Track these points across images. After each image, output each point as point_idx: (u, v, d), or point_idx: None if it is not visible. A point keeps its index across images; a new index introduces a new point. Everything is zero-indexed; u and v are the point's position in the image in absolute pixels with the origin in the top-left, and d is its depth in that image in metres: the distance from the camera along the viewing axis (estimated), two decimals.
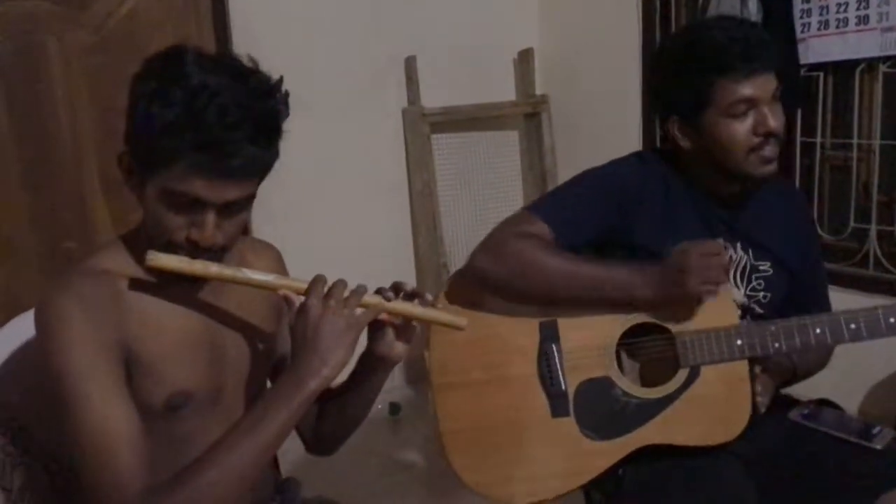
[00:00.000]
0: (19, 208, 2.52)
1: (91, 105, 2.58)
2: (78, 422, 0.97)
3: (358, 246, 3.04)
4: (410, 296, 1.09)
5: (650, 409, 1.36)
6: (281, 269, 1.25)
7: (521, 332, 1.41)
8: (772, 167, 1.38)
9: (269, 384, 1.22)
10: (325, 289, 1.01)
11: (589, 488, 1.42)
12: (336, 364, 0.99)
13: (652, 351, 1.40)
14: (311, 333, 0.98)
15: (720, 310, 1.36)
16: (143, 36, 2.61)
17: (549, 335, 1.40)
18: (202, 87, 0.95)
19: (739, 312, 1.40)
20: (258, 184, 1.03)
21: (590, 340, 1.38)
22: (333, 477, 1.44)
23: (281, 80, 1.03)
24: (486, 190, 3.44)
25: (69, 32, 2.53)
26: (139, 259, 1.05)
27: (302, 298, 1.01)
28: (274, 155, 1.02)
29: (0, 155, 2.47)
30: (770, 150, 1.36)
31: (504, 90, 3.46)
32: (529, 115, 3.45)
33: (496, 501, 1.39)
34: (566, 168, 3.42)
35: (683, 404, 1.35)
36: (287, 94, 1.03)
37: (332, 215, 3.10)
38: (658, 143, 3.06)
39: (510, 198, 3.51)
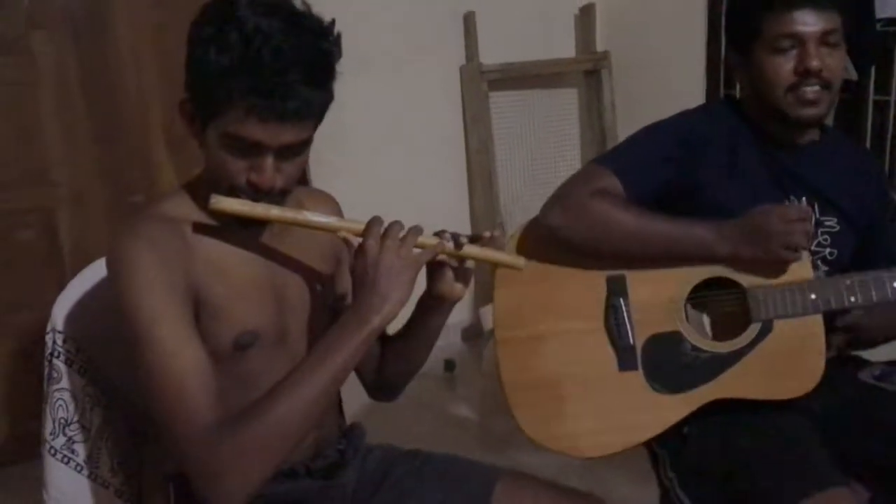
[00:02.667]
0: (89, 162, 2.56)
1: (155, 61, 2.60)
2: (150, 362, 0.99)
3: (414, 203, 3.00)
4: (471, 239, 1.10)
5: (720, 364, 1.34)
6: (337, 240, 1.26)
7: (588, 286, 1.40)
8: (814, 110, 1.36)
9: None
10: (382, 229, 1.03)
11: (653, 444, 1.42)
12: (396, 301, 1.01)
13: (722, 305, 1.38)
14: (371, 272, 1.00)
15: (794, 264, 1.33)
16: None
17: (617, 289, 1.39)
18: (256, 31, 0.96)
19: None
20: (315, 127, 1.05)
21: (659, 294, 1.37)
22: (389, 428, 1.46)
23: (333, 22, 1.04)
24: (543, 148, 3.41)
25: None
26: (202, 205, 1.07)
27: (360, 240, 1.03)
28: (329, 97, 1.03)
29: (71, 110, 2.51)
30: (812, 92, 1.34)
31: (564, 47, 3.40)
32: (589, 73, 3.40)
33: (560, 454, 1.39)
34: (626, 127, 3.34)
35: (755, 359, 1.33)
36: (339, 36, 1.04)
37: (388, 172, 3.10)
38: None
39: (568, 157, 3.47)
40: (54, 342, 1.25)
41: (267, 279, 1.13)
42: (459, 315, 3.20)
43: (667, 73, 3.20)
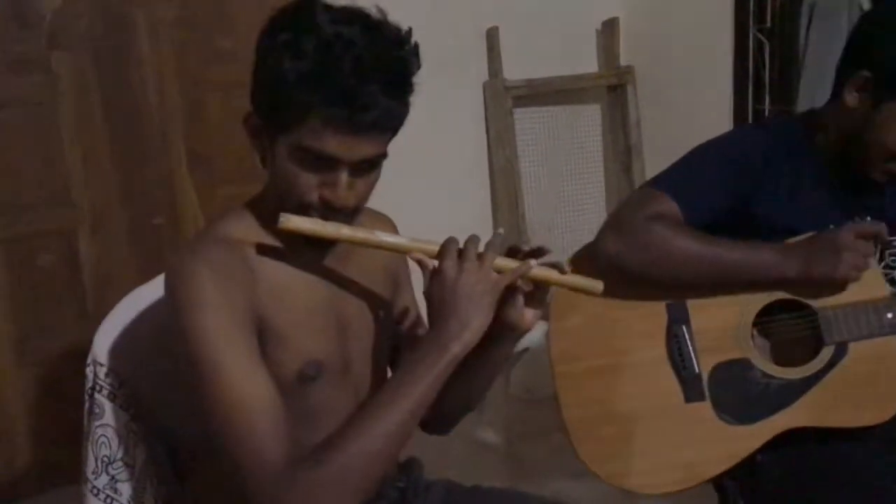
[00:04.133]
0: (109, 184, 2.51)
1: (178, 80, 2.56)
2: (214, 393, 0.93)
3: (435, 227, 2.96)
4: (549, 264, 1.04)
5: (794, 391, 1.28)
6: (402, 260, 1.21)
7: (648, 315, 1.35)
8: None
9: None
10: (457, 249, 0.98)
11: (722, 477, 1.35)
12: (477, 328, 0.96)
13: (789, 329, 1.33)
14: (450, 297, 0.95)
15: (866, 282, 1.28)
16: (231, 8, 2.58)
17: (678, 316, 1.33)
18: (336, 37, 0.92)
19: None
20: (389, 141, 1.00)
21: (722, 320, 1.32)
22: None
23: (410, 31, 0.99)
24: (568, 167, 3.34)
25: (157, 6, 2.51)
26: (265, 225, 1.03)
27: (434, 262, 0.98)
28: (406, 109, 0.98)
29: (91, 130, 2.47)
30: None
31: (587, 62, 3.35)
32: (613, 88, 3.35)
33: (631, 491, 1.33)
34: (652, 143, 3.31)
35: (830, 384, 1.27)
36: (417, 46, 0.99)
37: (409, 193, 3.01)
38: (764, 115, 2.94)
39: (592, 175, 3.41)
40: (95, 375, 1.19)
41: (330, 305, 1.08)
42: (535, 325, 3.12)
43: (693, 87, 3.15)
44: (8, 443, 2.34)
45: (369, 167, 0.99)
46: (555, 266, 1.04)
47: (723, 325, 1.31)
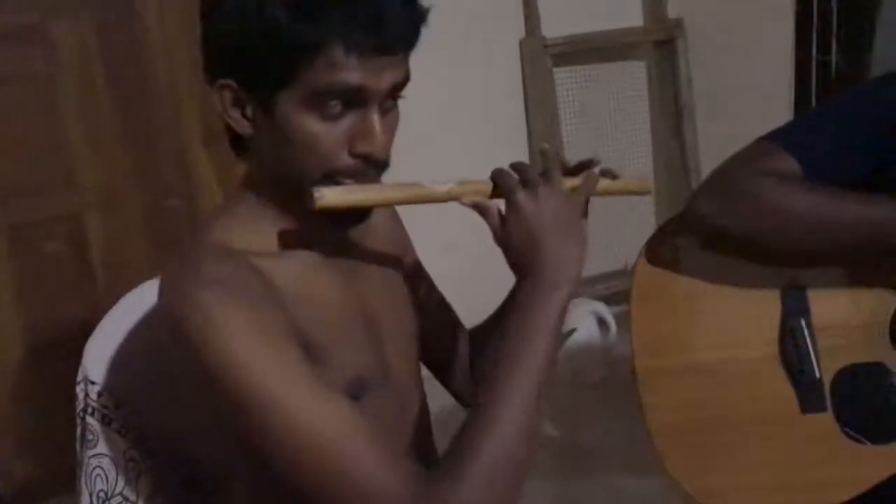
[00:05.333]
0: (118, 164, 2.34)
1: (187, 49, 2.35)
2: (295, 443, 0.74)
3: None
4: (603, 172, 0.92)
5: None
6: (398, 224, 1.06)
7: (757, 303, 1.11)
8: None
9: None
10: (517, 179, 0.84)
11: None
12: (580, 257, 0.83)
13: None
14: (538, 232, 0.81)
15: None
16: None
17: (797, 307, 1.10)
18: None
19: None
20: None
21: (852, 315, 1.09)
22: None
23: None
24: (612, 131, 3.10)
25: None
26: (268, 222, 0.85)
27: (493, 203, 0.83)
28: (424, 17, 0.80)
29: (96, 106, 2.30)
30: None
31: (632, 15, 3.09)
32: (661, 43, 3.08)
33: None
34: (705, 103, 3.06)
35: None
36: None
37: (442, 161, 2.79)
38: (831, 67, 2.67)
39: (639, 140, 3.17)
40: (87, 395, 1.02)
41: (360, 306, 0.89)
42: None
43: (749, 39, 2.88)
44: (17, 435, 2.23)
45: (392, 103, 0.83)
46: (605, 173, 0.92)
47: (852, 321, 1.08)
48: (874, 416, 1.07)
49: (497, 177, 0.84)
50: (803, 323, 1.09)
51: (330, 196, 0.77)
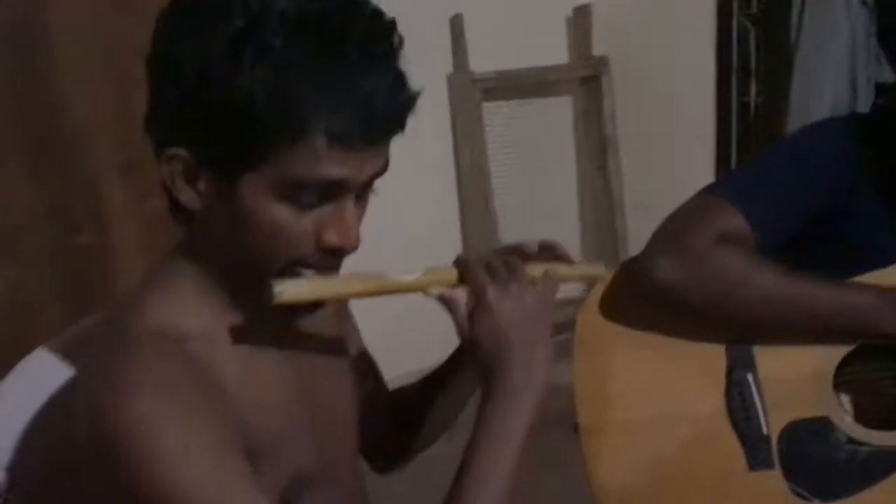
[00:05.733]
0: (24, 199, 2.17)
1: (104, 75, 2.22)
2: None
3: (399, 234, 2.70)
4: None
5: (886, 461, 1.03)
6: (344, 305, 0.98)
7: (702, 356, 1.08)
8: None
9: None
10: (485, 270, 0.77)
11: None
12: (549, 360, 0.77)
13: (880, 382, 1.08)
14: (508, 331, 0.75)
15: None
16: None
17: (743, 360, 1.07)
18: (321, 19, 0.65)
19: None
20: None
21: (798, 369, 1.06)
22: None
23: None
24: (539, 165, 3.10)
25: None
26: (213, 301, 0.75)
27: (457, 293, 0.77)
28: (414, 103, 0.71)
29: (2, 137, 2.13)
30: None
31: (558, 52, 3.10)
32: (586, 80, 3.10)
33: None
34: (629, 139, 3.09)
35: None
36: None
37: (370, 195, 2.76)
38: (750, 108, 2.74)
39: (565, 174, 3.18)
40: None
41: (306, 395, 0.81)
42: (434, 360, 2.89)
43: (672, 78, 2.93)
44: None
45: (370, 187, 0.74)
46: (562, 258, 0.86)
47: (798, 375, 1.06)
48: (821, 472, 1.05)
49: (464, 269, 0.78)
50: (750, 377, 1.07)
51: (290, 292, 0.69)
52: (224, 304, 0.75)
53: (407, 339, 2.36)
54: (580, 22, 3.07)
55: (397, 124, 0.69)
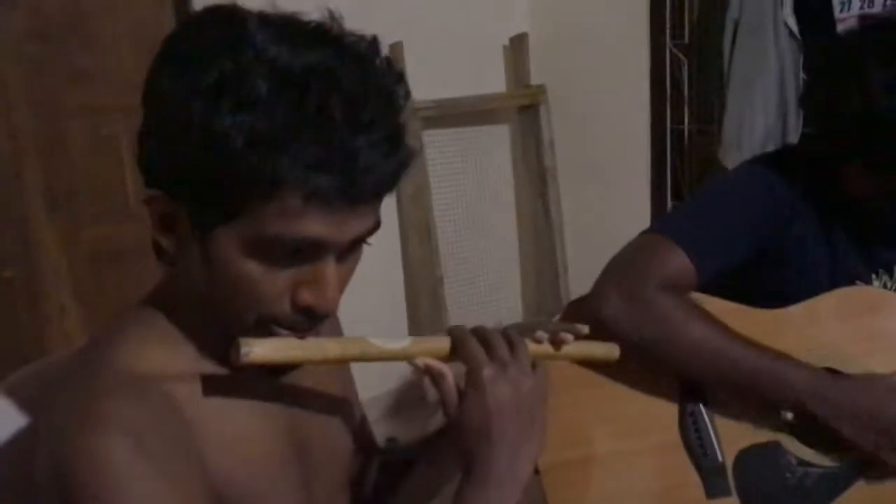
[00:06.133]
0: None
1: (30, 103, 2.14)
2: None
3: None
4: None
5: (835, 482, 1.05)
6: (337, 329, 0.92)
7: (655, 389, 1.09)
8: None
9: None
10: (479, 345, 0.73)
11: None
12: (536, 456, 0.73)
13: None
14: (499, 419, 0.70)
15: None
16: (91, 19, 2.18)
17: (694, 391, 1.08)
18: (308, 72, 0.61)
19: None
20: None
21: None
22: None
23: (377, 42, 0.68)
24: (480, 194, 3.11)
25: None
26: (186, 347, 0.71)
27: (443, 368, 0.72)
28: (408, 163, 0.66)
29: None
30: None
31: (495, 81, 3.13)
32: (524, 108, 3.13)
33: None
34: (567, 167, 3.12)
35: (881, 473, 1.05)
36: (401, 69, 0.70)
37: None
38: (684, 135, 2.81)
39: (504, 203, 3.19)
40: None
41: (294, 447, 0.77)
42: (395, 382, 2.85)
43: (608, 106, 2.99)
44: None
45: (356, 249, 0.69)
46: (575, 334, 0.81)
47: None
48: (776, 496, 1.06)
49: (459, 341, 0.73)
50: (702, 408, 1.08)
51: (258, 352, 0.64)
52: (205, 351, 0.71)
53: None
54: (517, 51, 3.11)
55: (384, 185, 0.65)
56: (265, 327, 0.66)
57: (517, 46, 3.11)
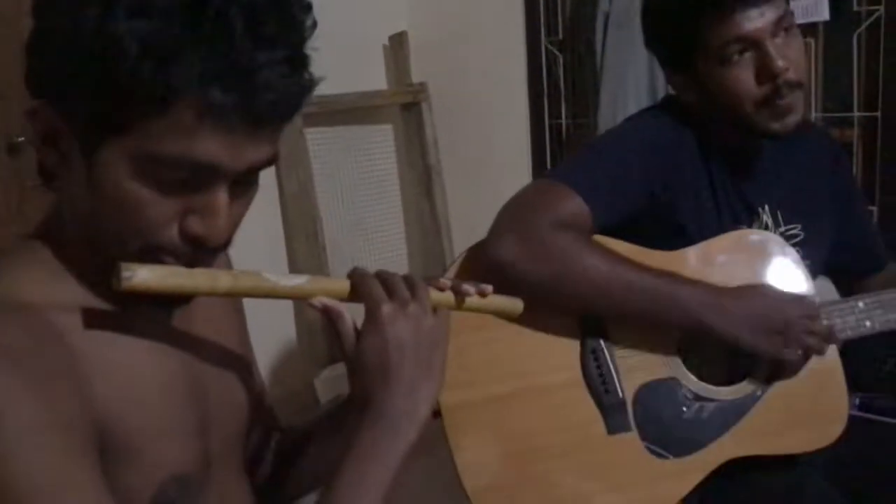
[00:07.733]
0: None
1: None
2: None
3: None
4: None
5: (729, 414, 1.09)
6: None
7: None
8: (792, 118, 1.14)
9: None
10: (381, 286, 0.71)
11: None
12: (433, 398, 0.72)
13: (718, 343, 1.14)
14: (397, 355, 0.69)
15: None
16: None
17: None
18: None
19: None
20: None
21: (646, 333, 1.10)
22: None
23: None
24: (365, 192, 3.09)
25: None
26: (73, 277, 0.67)
27: (341, 307, 0.71)
28: (311, 88, 0.65)
29: None
30: (785, 103, 1.12)
31: (377, 79, 3.13)
32: (407, 106, 3.14)
33: None
34: (451, 164, 3.15)
35: (769, 404, 1.10)
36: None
37: None
38: (562, 129, 2.89)
39: (390, 200, 3.18)
40: None
41: (188, 388, 0.73)
42: (290, 386, 2.78)
43: (488, 103, 3.04)
44: None
45: (251, 180, 0.67)
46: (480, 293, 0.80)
47: (645, 340, 1.10)
48: (674, 430, 1.09)
49: (359, 281, 0.71)
50: (602, 343, 1.10)
51: (141, 277, 0.61)
52: (91, 273, 0.67)
53: None
54: (397, 49, 3.12)
55: (283, 109, 0.62)
56: (151, 255, 0.63)
57: (397, 44, 3.12)
